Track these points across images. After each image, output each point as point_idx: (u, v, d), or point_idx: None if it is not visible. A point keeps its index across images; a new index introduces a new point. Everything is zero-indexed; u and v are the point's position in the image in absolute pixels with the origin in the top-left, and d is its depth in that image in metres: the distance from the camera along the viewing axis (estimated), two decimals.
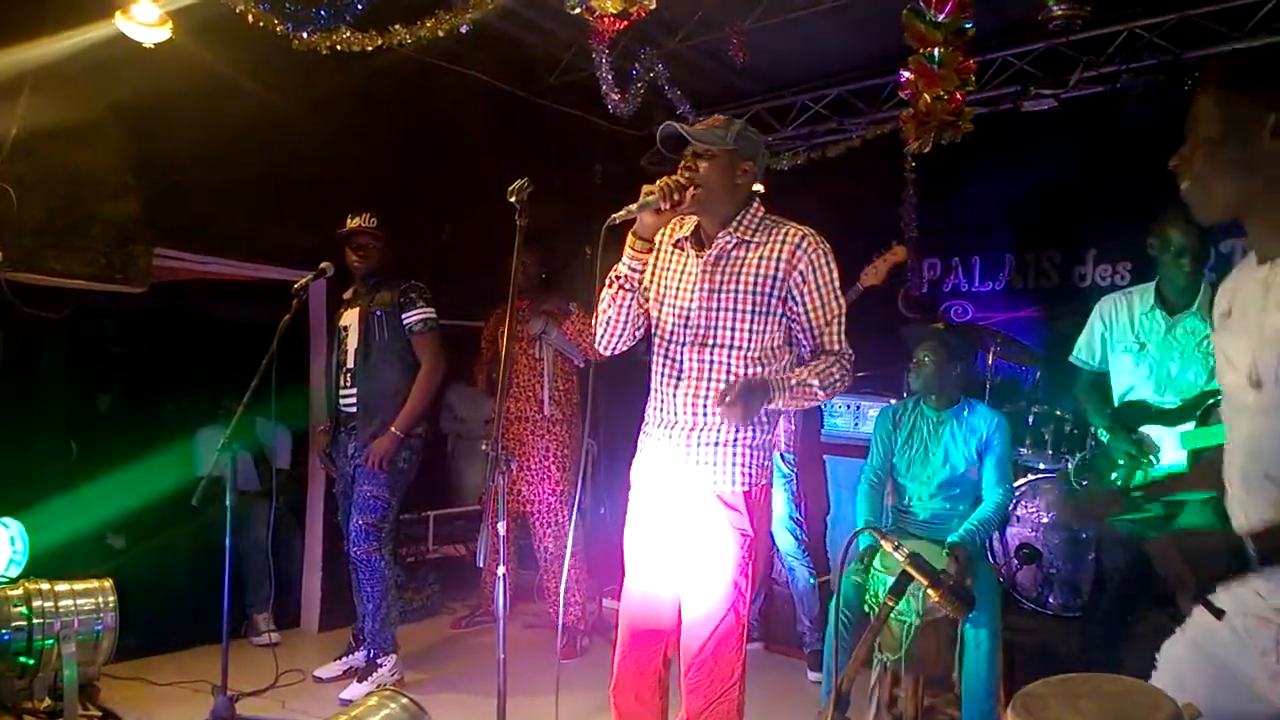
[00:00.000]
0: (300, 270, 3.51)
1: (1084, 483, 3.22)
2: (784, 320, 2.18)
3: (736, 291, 2.15)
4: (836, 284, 2.20)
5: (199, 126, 3.57)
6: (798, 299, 2.16)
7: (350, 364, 3.64)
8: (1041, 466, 3.90)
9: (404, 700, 1.66)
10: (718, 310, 2.15)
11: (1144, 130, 4.11)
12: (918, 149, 3.87)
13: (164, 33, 3.09)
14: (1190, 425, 2.70)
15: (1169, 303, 2.80)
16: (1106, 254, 4.95)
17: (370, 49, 3.29)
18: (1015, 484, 3.77)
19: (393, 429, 3.46)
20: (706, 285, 2.17)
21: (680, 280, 2.22)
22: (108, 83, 3.29)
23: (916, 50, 3.69)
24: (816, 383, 2.10)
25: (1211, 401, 2.68)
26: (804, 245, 2.15)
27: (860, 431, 4.18)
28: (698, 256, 2.20)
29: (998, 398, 4.03)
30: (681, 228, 2.26)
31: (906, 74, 3.77)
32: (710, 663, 2.16)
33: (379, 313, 3.57)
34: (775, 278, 2.14)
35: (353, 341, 3.63)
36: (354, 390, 3.61)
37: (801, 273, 2.14)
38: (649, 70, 4.43)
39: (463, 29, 3.34)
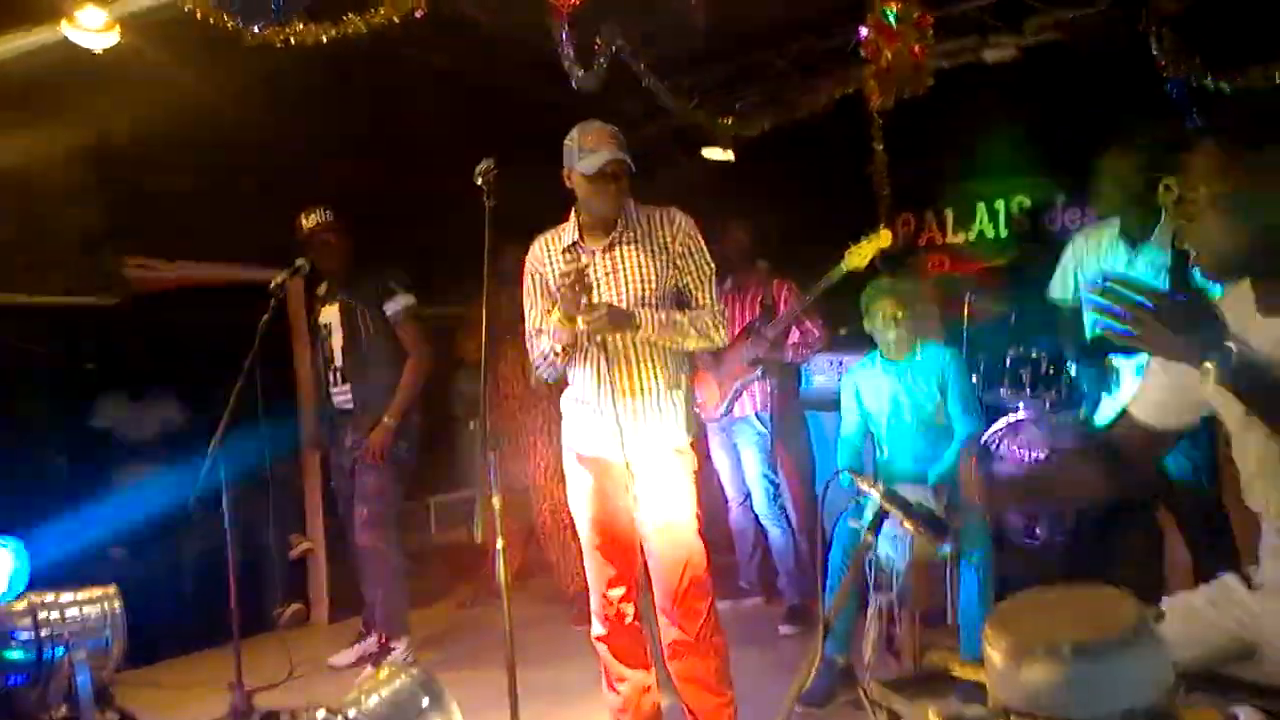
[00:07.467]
0: (276, 270, 3.50)
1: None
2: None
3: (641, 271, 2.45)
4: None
5: (157, 132, 3.53)
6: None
7: (339, 362, 3.64)
8: (1020, 407, 3.98)
9: (414, 671, 1.71)
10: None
11: (1102, 63, 4.17)
12: (881, 105, 3.91)
13: (112, 37, 3.04)
14: (1146, 356, 2.78)
15: (1130, 235, 2.86)
16: (1074, 197, 5.03)
17: (325, 40, 3.28)
18: (996, 427, 3.86)
19: (385, 419, 3.49)
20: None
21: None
22: (59, 92, 3.25)
23: (875, 6, 3.73)
24: (685, 320, 2.43)
25: None
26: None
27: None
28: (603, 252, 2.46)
29: (975, 345, 4.11)
30: (559, 240, 2.52)
31: (866, 31, 3.81)
32: (693, 588, 2.47)
33: (360, 307, 3.58)
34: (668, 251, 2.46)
35: (337, 339, 3.64)
36: (347, 387, 3.61)
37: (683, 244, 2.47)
38: (611, 43, 4.43)
39: (417, 13, 3.32)
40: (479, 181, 2.21)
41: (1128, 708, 1.12)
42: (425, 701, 1.66)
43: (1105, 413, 2.92)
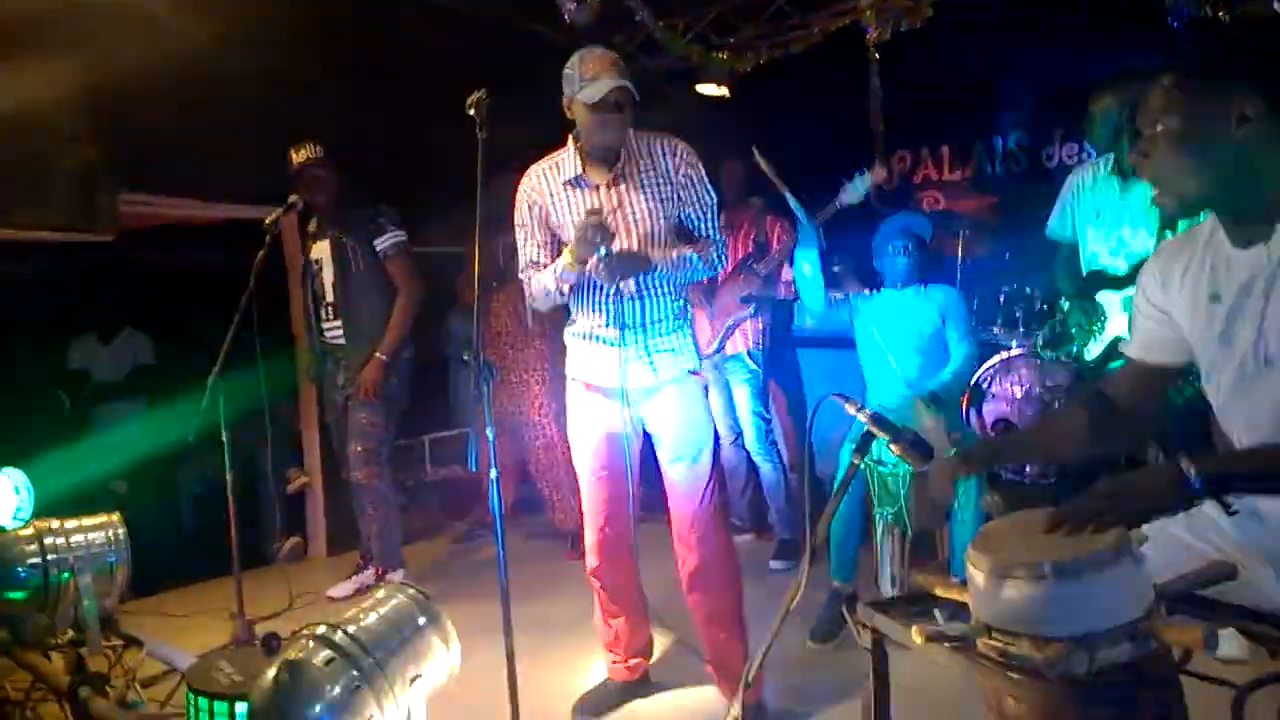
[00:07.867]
0: (270, 208, 3.46)
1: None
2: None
3: (649, 208, 2.41)
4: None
5: (151, 66, 3.45)
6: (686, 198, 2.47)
7: (330, 297, 3.64)
8: (1013, 345, 4.00)
9: (411, 591, 1.76)
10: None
11: None
12: (877, 38, 3.85)
13: None
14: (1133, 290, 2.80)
15: (1123, 171, 2.86)
16: (1073, 132, 4.97)
17: None
18: (988, 363, 3.90)
19: (378, 354, 3.51)
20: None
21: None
22: (54, 29, 3.19)
23: None
24: (695, 256, 2.42)
25: None
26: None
27: (833, 325, 4.26)
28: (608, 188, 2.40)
29: (969, 282, 4.11)
30: (558, 170, 2.43)
31: None
32: (716, 511, 2.50)
33: (351, 243, 3.56)
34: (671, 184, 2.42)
35: (328, 274, 3.63)
36: (338, 322, 3.63)
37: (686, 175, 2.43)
38: None
39: None
40: (471, 112, 2.13)
41: (1108, 626, 1.15)
42: (422, 620, 1.70)
43: (1095, 350, 2.95)
